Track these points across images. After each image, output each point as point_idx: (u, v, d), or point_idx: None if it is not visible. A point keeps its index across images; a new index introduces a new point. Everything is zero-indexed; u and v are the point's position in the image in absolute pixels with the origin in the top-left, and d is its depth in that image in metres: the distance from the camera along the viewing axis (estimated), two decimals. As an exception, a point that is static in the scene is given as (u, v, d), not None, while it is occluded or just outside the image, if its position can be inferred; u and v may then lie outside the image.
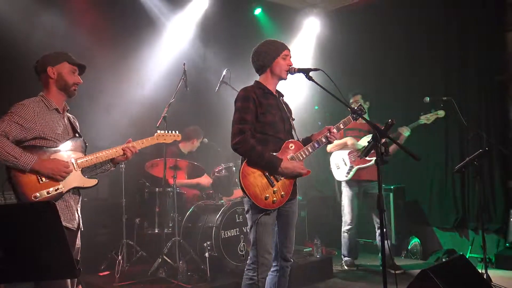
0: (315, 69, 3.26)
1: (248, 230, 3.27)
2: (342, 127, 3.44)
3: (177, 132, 3.53)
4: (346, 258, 5.71)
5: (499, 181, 5.92)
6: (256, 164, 3.14)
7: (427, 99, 5.08)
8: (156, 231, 5.10)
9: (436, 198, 6.47)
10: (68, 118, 3.07)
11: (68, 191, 2.89)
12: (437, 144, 6.43)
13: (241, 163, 3.19)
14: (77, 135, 3.06)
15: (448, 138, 6.35)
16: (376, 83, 6.91)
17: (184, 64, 5.03)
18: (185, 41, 6.64)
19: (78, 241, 3.00)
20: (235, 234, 5.04)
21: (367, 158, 5.23)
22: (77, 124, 3.17)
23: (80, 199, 3.05)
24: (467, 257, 3.71)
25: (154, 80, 6.17)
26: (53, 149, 2.86)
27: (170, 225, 5.11)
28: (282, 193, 3.19)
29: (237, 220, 5.10)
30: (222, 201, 5.38)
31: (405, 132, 5.18)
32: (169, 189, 5.21)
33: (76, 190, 2.98)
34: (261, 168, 3.15)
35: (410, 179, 6.65)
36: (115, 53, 5.75)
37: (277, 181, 3.19)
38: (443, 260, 5.66)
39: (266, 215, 3.16)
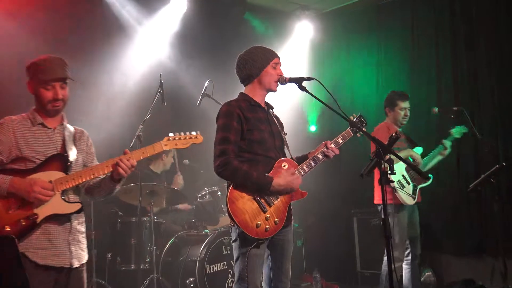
0: (308, 78, 3.28)
1: (234, 263, 3.25)
2: (340, 141, 3.47)
3: (195, 132, 3.15)
4: None
5: (520, 200, 5.97)
6: (244, 187, 3.14)
7: (436, 109, 5.15)
8: (132, 267, 5.06)
9: (449, 222, 6.49)
10: (70, 133, 3.02)
11: (48, 219, 2.77)
12: (447, 160, 6.47)
13: (228, 187, 3.19)
14: (70, 151, 2.96)
15: (460, 153, 6.40)
16: (374, 91, 7.00)
17: (160, 76, 5.06)
18: (161, 49, 6.66)
19: (82, 283, 2.90)
20: (222, 268, 5.01)
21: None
22: (85, 138, 3.13)
23: (75, 228, 2.92)
24: (486, 288, 3.72)
25: (125, 94, 6.17)
26: (32, 169, 2.80)
27: (147, 260, 5.08)
28: (276, 219, 3.19)
29: (224, 252, 5.08)
30: (207, 230, 5.37)
31: (449, 146, 5.14)
32: (145, 219, 5.18)
33: (65, 217, 2.86)
34: (250, 190, 3.15)
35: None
36: (78, 63, 5.72)
37: (270, 206, 3.19)
38: (461, 292, 5.66)
39: (257, 245, 3.15)
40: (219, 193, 5.55)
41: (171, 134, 3.06)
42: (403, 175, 5.05)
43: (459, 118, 5.32)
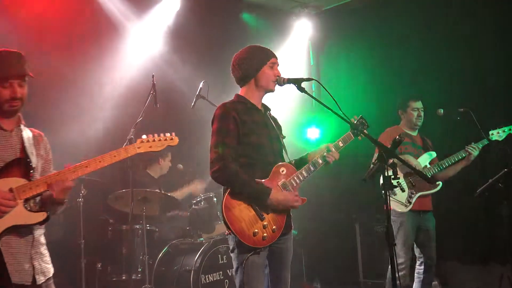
0: (307, 79, 3.29)
1: (234, 273, 3.23)
2: (341, 145, 3.46)
3: (170, 134, 3.06)
4: None
5: (530, 205, 5.96)
6: (241, 195, 3.13)
7: (441, 111, 5.14)
8: (123, 277, 5.04)
9: (455, 228, 6.49)
10: (28, 136, 2.86)
11: (9, 231, 2.62)
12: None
13: (223, 193, 3.17)
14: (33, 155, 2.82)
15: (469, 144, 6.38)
16: (377, 92, 7.00)
17: (153, 76, 5.05)
18: (153, 49, 6.66)
19: None
20: (219, 278, 5.00)
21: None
22: (43, 143, 2.95)
23: (38, 241, 2.78)
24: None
25: (117, 96, 6.16)
26: None
27: (140, 269, 5.06)
28: (274, 227, 3.18)
29: (221, 262, 5.07)
30: (202, 239, 5.35)
31: (475, 151, 5.05)
32: (137, 226, 5.16)
33: (27, 229, 2.71)
34: (246, 198, 3.14)
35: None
36: (67, 64, 5.74)
37: (267, 213, 3.18)
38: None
39: (255, 254, 3.13)
40: (215, 199, 5.53)
41: (144, 136, 2.97)
42: (397, 182, 5.01)
43: (466, 120, 5.31)
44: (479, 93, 6.33)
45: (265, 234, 3.13)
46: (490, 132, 5.16)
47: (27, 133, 2.88)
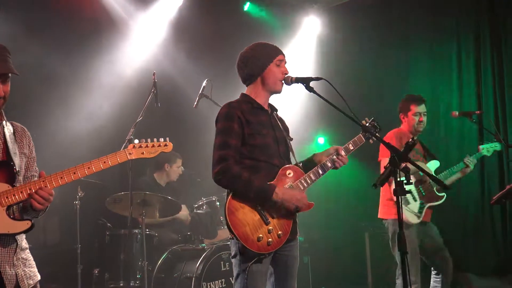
0: (316, 78, 3.28)
1: (234, 280, 3.23)
2: (351, 148, 3.45)
3: (164, 139, 2.99)
4: None
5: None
6: (244, 196, 3.12)
7: (456, 113, 5.14)
8: (121, 284, 5.04)
9: (471, 237, 6.47)
10: (10, 133, 2.77)
11: None
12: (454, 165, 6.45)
13: (227, 196, 3.17)
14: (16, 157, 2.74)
15: (483, 162, 6.38)
16: (389, 93, 6.99)
17: (154, 74, 5.05)
18: (154, 46, 6.67)
19: None
20: (221, 286, 4.99)
21: (437, 193, 4.95)
22: (27, 139, 2.86)
23: (21, 247, 2.73)
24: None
25: (116, 94, 6.18)
26: None
27: (138, 276, 5.06)
28: (279, 232, 3.17)
29: (223, 269, 5.07)
30: (203, 244, 5.35)
31: (472, 165, 4.99)
32: (136, 231, 5.17)
33: (11, 237, 2.64)
34: (251, 200, 3.13)
35: (438, 215, 6.64)
36: (65, 61, 5.77)
37: (273, 218, 3.17)
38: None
39: (259, 261, 3.13)
40: (218, 203, 5.53)
41: (136, 141, 2.91)
42: (410, 190, 4.97)
43: (482, 123, 5.30)
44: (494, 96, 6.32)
45: (270, 239, 3.12)
46: (480, 147, 5.09)
47: (9, 130, 2.78)
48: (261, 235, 3.10)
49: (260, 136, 3.26)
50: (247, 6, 7.52)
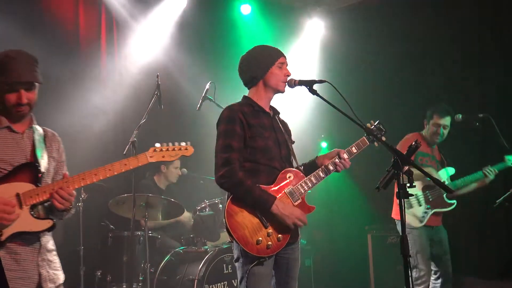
0: (320, 81, 3.29)
1: (239, 283, 3.23)
2: (354, 151, 3.46)
3: (185, 143, 3.08)
4: None
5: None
6: (243, 202, 3.14)
7: (459, 116, 5.14)
8: (123, 286, 5.04)
9: (474, 241, 6.45)
10: (40, 136, 2.90)
11: (14, 237, 2.66)
12: (470, 171, 6.45)
13: (227, 199, 3.18)
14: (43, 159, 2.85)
15: (487, 165, 6.36)
16: (393, 96, 6.99)
17: (157, 76, 5.06)
18: (158, 48, 6.68)
19: None
20: (223, 289, 5.00)
21: (447, 200, 5.02)
22: (56, 144, 3.00)
23: (46, 248, 2.82)
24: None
25: (120, 96, 6.19)
26: None
27: (141, 278, 5.06)
28: (279, 235, 3.17)
29: (225, 271, 5.07)
30: (206, 247, 5.35)
31: (492, 175, 5.05)
32: (139, 233, 5.17)
33: (34, 236, 2.76)
34: (249, 205, 3.15)
35: (442, 218, 6.65)
36: (69, 62, 5.78)
37: (272, 221, 3.16)
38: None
39: (260, 264, 3.13)
40: (220, 205, 5.53)
41: (157, 145, 2.98)
42: (415, 194, 5.03)
43: (485, 126, 5.30)
44: (499, 98, 6.32)
45: (269, 243, 3.12)
46: (504, 158, 5.11)
47: (38, 133, 2.92)
48: (260, 238, 3.11)
49: (262, 138, 3.26)
50: (246, 9, 7.49)
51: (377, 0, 7.48)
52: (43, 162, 2.85)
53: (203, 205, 5.59)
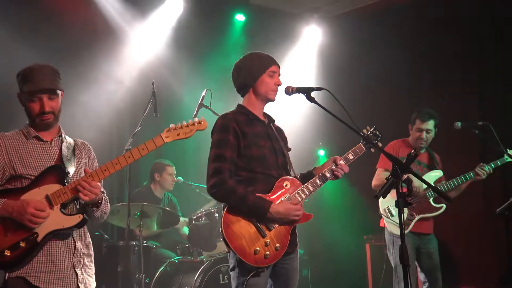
0: (318, 88, 3.29)
1: (232, 293, 3.21)
2: (351, 158, 3.44)
3: (197, 118, 3.16)
4: None
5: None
6: (239, 210, 3.12)
7: (458, 124, 5.12)
8: (117, 297, 5.01)
9: (473, 251, 6.44)
10: (69, 144, 3.03)
11: (49, 238, 2.78)
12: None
13: (223, 209, 3.17)
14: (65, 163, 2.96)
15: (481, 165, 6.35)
16: (390, 103, 6.99)
17: (153, 83, 5.05)
18: (153, 55, 6.68)
19: None
20: (219, 299, 4.97)
21: (434, 204, 4.93)
22: (86, 151, 3.14)
23: (80, 248, 2.94)
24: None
25: (114, 104, 6.18)
26: (27, 186, 2.81)
27: (135, 289, 5.03)
28: (277, 245, 3.15)
29: (222, 281, 5.04)
30: (202, 257, 5.32)
31: (484, 175, 4.94)
32: (133, 243, 5.14)
33: (68, 236, 2.88)
34: (246, 214, 3.13)
35: (440, 227, 6.61)
36: (61, 69, 5.72)
37: (270, 230, 3.15)
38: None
39: (257, 275, 3.11)
40: (216, 214, 5.50)
41: (172, 125, 3.06)
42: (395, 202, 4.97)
43: (485, 134, 5.28)
44: (499, 106, 6.32)
45: (267, 252, 3.11)
46: (506, 153, 5.06)
47: (67, 142, 3.05)
48: (258, 248, 3.09)
49: (257, 147, 3.25)
50: (240, 18, 7.49)
51: (375, 7, 7.51)
52: (70, 164, 2.95)
53: (199, 214, 5.57)
